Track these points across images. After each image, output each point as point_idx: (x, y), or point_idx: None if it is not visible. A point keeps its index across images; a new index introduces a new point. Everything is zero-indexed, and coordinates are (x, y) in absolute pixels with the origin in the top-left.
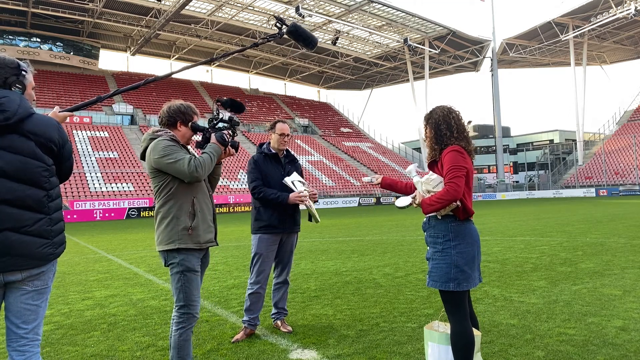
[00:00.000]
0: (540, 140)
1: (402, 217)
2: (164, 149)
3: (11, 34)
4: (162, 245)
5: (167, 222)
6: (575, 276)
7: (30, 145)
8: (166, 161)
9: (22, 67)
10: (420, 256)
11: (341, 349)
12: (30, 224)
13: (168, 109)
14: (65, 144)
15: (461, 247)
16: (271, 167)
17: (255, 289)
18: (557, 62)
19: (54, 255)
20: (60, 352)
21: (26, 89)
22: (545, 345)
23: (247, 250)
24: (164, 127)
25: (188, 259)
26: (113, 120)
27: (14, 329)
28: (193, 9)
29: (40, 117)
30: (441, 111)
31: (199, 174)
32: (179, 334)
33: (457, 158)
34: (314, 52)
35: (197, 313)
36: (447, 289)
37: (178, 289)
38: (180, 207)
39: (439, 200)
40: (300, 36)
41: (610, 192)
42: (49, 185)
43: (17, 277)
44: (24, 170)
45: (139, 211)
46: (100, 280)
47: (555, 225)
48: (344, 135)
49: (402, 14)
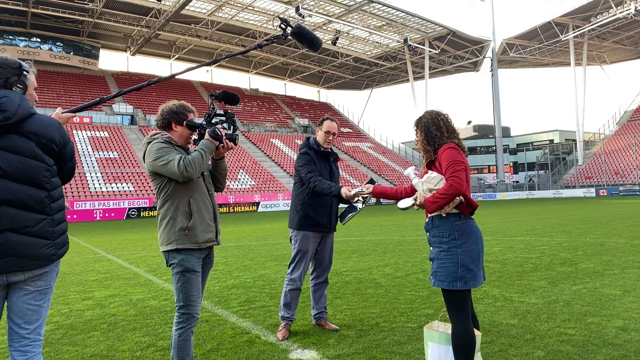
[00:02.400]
0: (540, 140)
1: (402, 217)
2: (156, 152)
3: (11, 34)
4: (163, 246)
5: (165, 222)
6: (575, 276)
7: (30, 145)
8: (159, 163)
9: (24, 67)
10: (420, 256)
11: (341, 349)
12: (31, 224)
13: (162, 112)
14: (67, 145)
15: (467, 245)
16: (321, 164)
17: (296, 285)
18: (557, 62)
19: (56, 255)
20: (60, 352)
21: (28, 89)
22: (545, 345)
23: (246, 251)
24: (160, 130)
25: (187, 260)
26: (113, 121)
27: (16, 329)
28: (193, 9)
29: (41, 117)
30: (429, 115)
31: (190, 173)
32: (179, 334)
33: (454, 154)
34: (314, 52)
35: (197, 313)
36: (454, 288)
37: (178, 289)
38: (177, 208)
39: (443, 195)
40: (305, 37)
41: (610, 192)
42: (50, 185)
43: (20, 277)
44: (25, 171)
45: (139, 211)
46: (100, 280)
47: (555, 225)
48: (344, 135)
49: (402, 14)
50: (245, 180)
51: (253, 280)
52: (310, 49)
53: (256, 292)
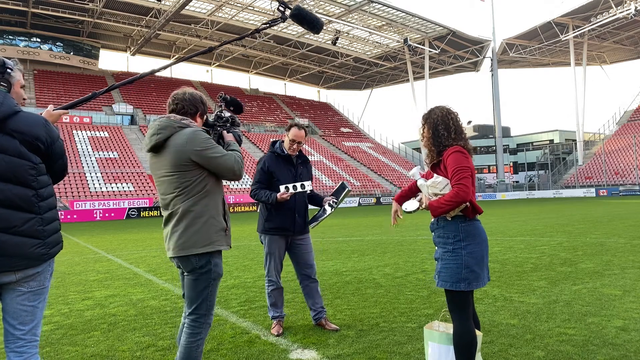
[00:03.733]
0: (540, 140)
1: (402, 217)
2: (205, 141)
3: (11, 34)
4: (197, 248)
5: (203, 221)
6: (575, 276)
7: (14, 143)
8: (211, 154)
9: (8, 65)
10: (420, 256)
11: (341, 349)
12: (19, 224)
13: (191, 97)
14: (55, 143)
15: (471, 247)
16: (283, 168)
17: (276, 285)
18: (557, 62)
19: (47, 255)
20: (60, 352)
21: (13, 87)
22: (545, 345)
23: (246, 251)
24: (185, 117)
25: (219, 265)
26: (113, 120)
27: (12, 330)
28: (193, 9)
29: (26, 115)
30: (440, 111)
31: (242, 172)
32: (197, 345)
33: (460, 159)
34: (314, 52)
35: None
36: (457, 289)
37: (202, 296)
38: (215, 206)
39: (449, 202)
40: (304, 19)
41: (610, 192)
42: (37, 184)
43: (12, 278)
44: (10, 170)
45: (139, 211)
46: (100, 280)
47: (555, 225)
48: (344, 135)
49: (402, 14)
50: (245, 180)
51: (253, 280)
52: (311, 31)
53: (256, 292)
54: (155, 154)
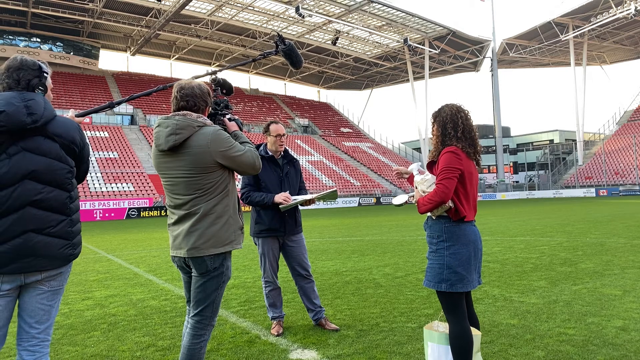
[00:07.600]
0: (540, 140)
1: (402, 217)
2: (227, 140)
3: (11, 34)
4: (217, 248)
5: (224, 221)
6: (575, 276)
7: (55, 147)
8: (233, 153)
9: (44, 70)
10: (420, 256)
11: (341, 349)
12: (53, 225)
13: (200, 91)
14: (85, 146)
15: (455, 248)
16: (269, 170)
17: (273, 285)
18: (557, 62)
19: (73, 255)
20: (60, 352)
21: (47, 91)
22: (545, 345)
23: (246, 251)
24: (200, 114)
25: (230, 268)
26: (113, 121)
27: (27, 328)
28: (193, 9)
29: (62, 118)
30: (450, 109)
31: (261, 165)
32: (201, 347)
33: (451, 159)
34: (314, 52)
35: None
36: (439, 289)
37: (211, 298)
38: (234, 205)
39: (430, 201)
40: (291, 57)
41: (610, 192)
42: (71, 187)
43: (37, 277)
44: (50, 172)
45: (139, 211)
46: (100, 280)
47: (555, 225)
48: (344, 135)
49: (402, 14)
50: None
51: (253, 280)
52: (292, 67)
53: (256, 292)
54: (169, 153)
